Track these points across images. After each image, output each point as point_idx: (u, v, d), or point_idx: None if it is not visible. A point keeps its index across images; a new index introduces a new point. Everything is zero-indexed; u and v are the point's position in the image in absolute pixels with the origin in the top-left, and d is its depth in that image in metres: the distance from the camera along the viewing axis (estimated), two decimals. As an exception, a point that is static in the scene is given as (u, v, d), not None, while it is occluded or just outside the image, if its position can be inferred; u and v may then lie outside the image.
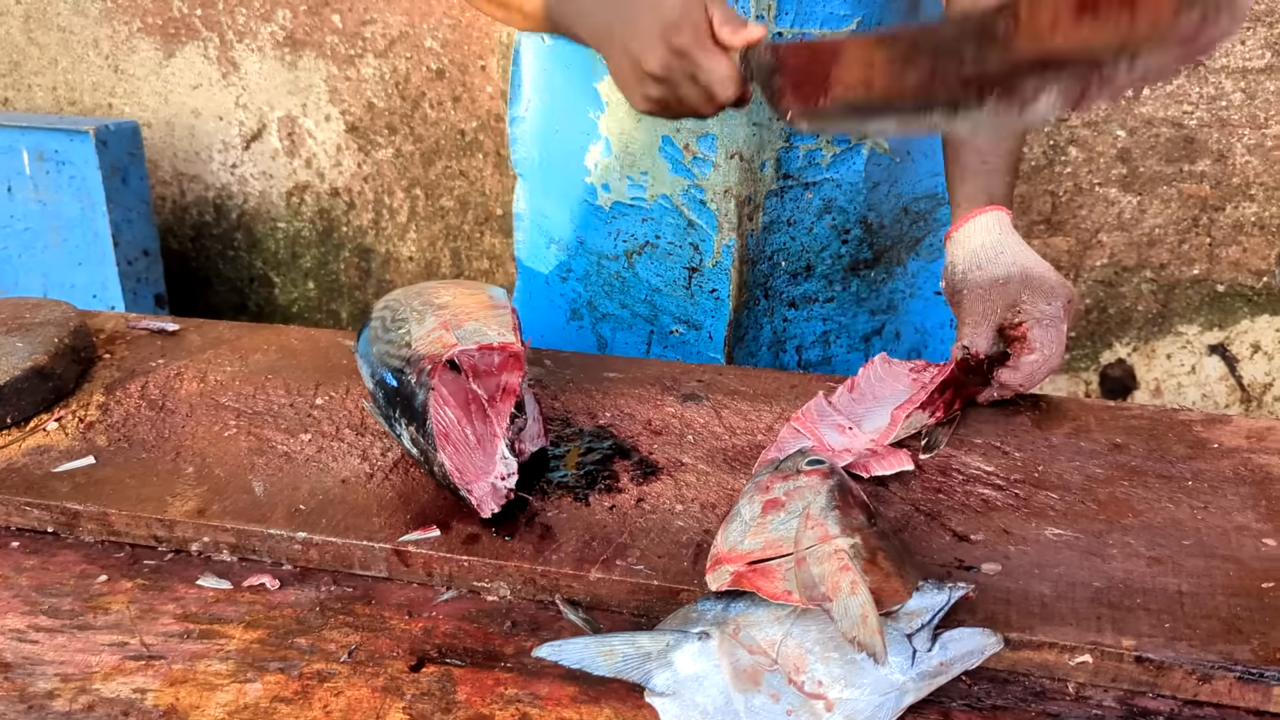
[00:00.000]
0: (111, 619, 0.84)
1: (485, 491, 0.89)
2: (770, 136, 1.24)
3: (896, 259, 1.43)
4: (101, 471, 0.98)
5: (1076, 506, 0.91)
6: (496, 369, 0.93)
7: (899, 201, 1.39)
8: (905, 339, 1.49)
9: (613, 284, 1.41)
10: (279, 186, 2.74)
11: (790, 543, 0.76)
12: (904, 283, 1.45)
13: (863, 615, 0.68)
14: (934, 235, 1.45)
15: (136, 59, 2.66)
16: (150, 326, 1.25)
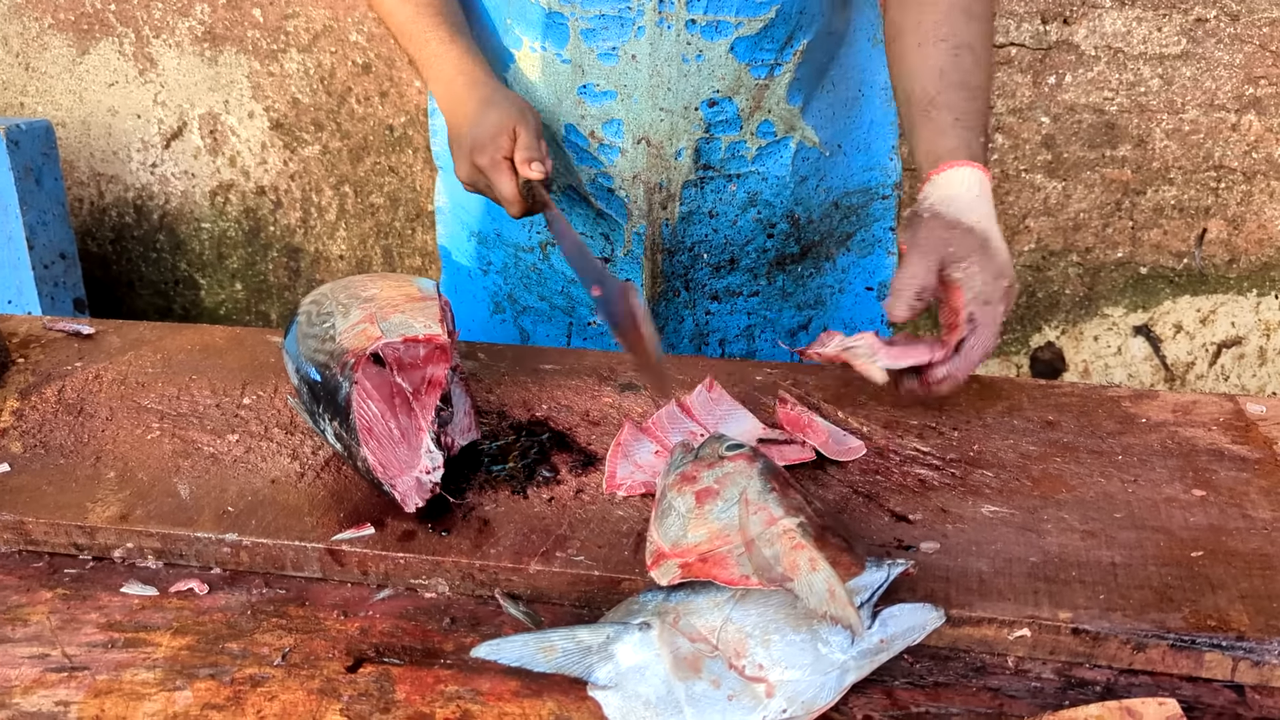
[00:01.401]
0: (31, 630, 0.81)
1: (410, 486, 0.88)
2: (685, 125, 1.22)
3: (825, 254, 1.41)
4: (16, 479, 0.95)
5: (1012, 484, 0.91)
6: (422, 361, 0.92)
7: (829, 196, 1.37)
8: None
9: (530, 276, 1.40)
10: (202, 186, 2.67)
11: (735, 530, 0.76)
12: (833, 278, 1.44)
13: (829, 590, 0.68)
14: (866, 230, 1.43)
15: (48, 56, 2.58)
16: (67, 329, 1.21)
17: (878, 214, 1.43)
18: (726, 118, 1.22)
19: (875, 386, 1.04)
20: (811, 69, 1.27)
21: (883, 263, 1.45)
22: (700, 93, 1.19)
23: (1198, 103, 2.37)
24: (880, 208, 1.43)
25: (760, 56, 1.20)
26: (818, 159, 1.33)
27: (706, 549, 0.75)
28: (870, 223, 1.43)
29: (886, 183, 1.42)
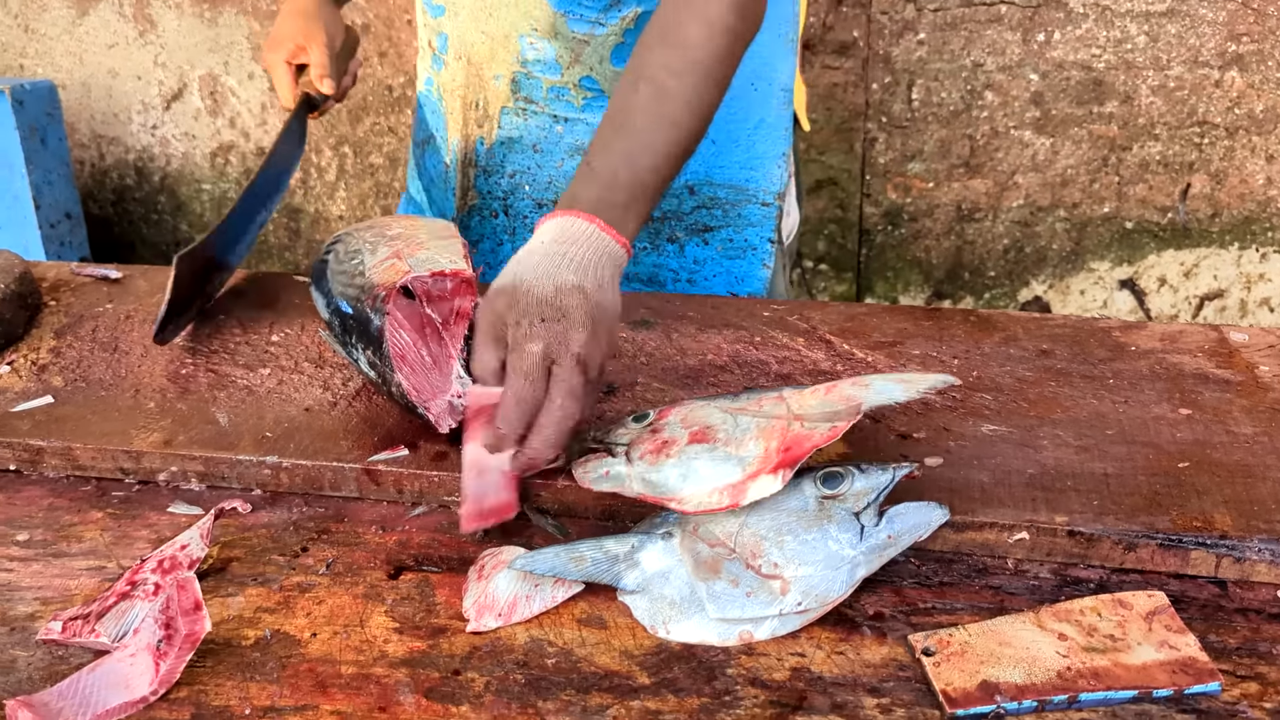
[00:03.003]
0: (86, 546, 0.85)
1: (443, 409, 0.92)
2: (504, 54, 1.25)
3: (667, 234, 1.36)
4: (61, 409, 0.99)
5: (1009, 405, 0.97)
6: (449, 294, 0.96)
7: (681, 178, 1.29)
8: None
9: (415, 171, 1.49)
10: (202, 147, 2.69)
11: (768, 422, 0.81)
12: (677, 264, 1.37)
13: (900, 380, 0.81)
14: (735, 232, 1.36)
15: (48, 18, 2.59)
16: (95, 273, 1.24)
17: (753, 219, 1.36)
18: (544, 59, 1.24)
19: (882, 318, 1.09)
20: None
21: (755, 273, 1.37)
22: (518, 27, 1.23)
23: (1182, 59, 2.41)
24: (757, 213, 1.35)
25: (579, 11, 1.20)
26: None
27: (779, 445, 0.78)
28: (742, 226, 1.36)
29: (768, 189, 1.34)
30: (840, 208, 2.61)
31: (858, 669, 0.71)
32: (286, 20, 1.34)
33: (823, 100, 2.51)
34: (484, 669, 0.72)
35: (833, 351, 1.06)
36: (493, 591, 0.78)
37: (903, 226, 2.63)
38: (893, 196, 2.60)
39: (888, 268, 2.69)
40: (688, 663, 0.72)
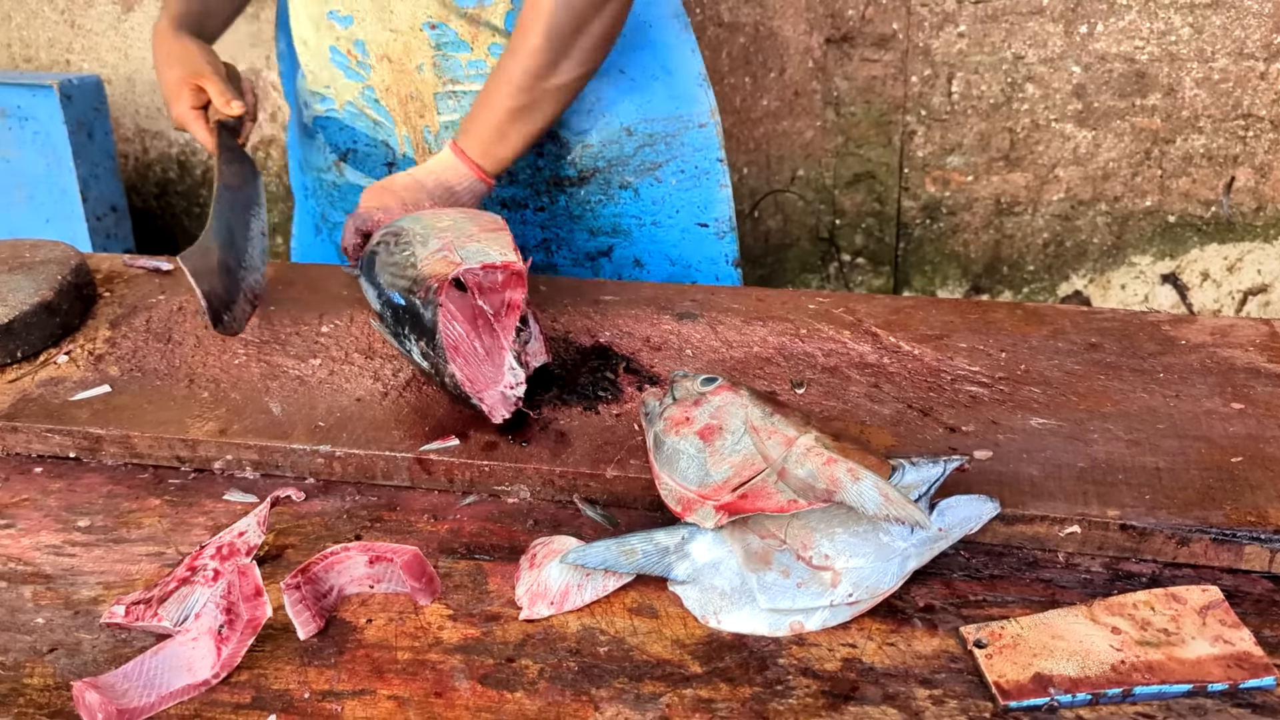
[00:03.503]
0: (145, 532, 0.87)
1: (496, 399, 0.93)
2: (417, 44, 1.29)
3: (619, 182, 1.39)
4: (118, 399, 1.01)
5: (1058, 399, 0.96)
6: (500, 286, 0.97)
7: (614, 121, 1.36)
8: (654, 269, 1.45)
9: (332, 194, 1.49)
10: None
11: (756, 458, 0.79)
12: (637, 208, 1.41)
13: (883, 495, 0.73)
14: (683, 161, 1.40)
15: (94, 14, 2.62)
16: (147, 265, 1.26)
17: (696, 144, 1.40)
18: (449, 39, 1.28)
19: (928, 310, 1.09)
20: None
21: (714, 195, 1.43)
22: (417, 16, 1.27)
23: (1227, 51, 2.38)
24: (698, 137, 1.40)
25: None
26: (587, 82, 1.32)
27: (738, 483, 0.78)
28: (688, 153, 1.40)
29: (700, 110, 1.40)
30: (878, 201, 2.60)
31: (909, 660, 0.71)
32: (167, 74, 1.34)
33: (861, 93, 2.50)
34: (537, 656, 0.73)
35: (879, 344, 1.06)
36: (545, 580, 0.78)
37: (941, 220, 2.61)
38: (931, 190, 2.58)
39: (925, 261, 2.67)
40: (739, 652, 0.73)
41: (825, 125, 2.55)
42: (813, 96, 2.53)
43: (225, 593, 0.73)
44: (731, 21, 2.48)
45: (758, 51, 2.50)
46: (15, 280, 1.11)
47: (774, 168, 2.62)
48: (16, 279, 1.11)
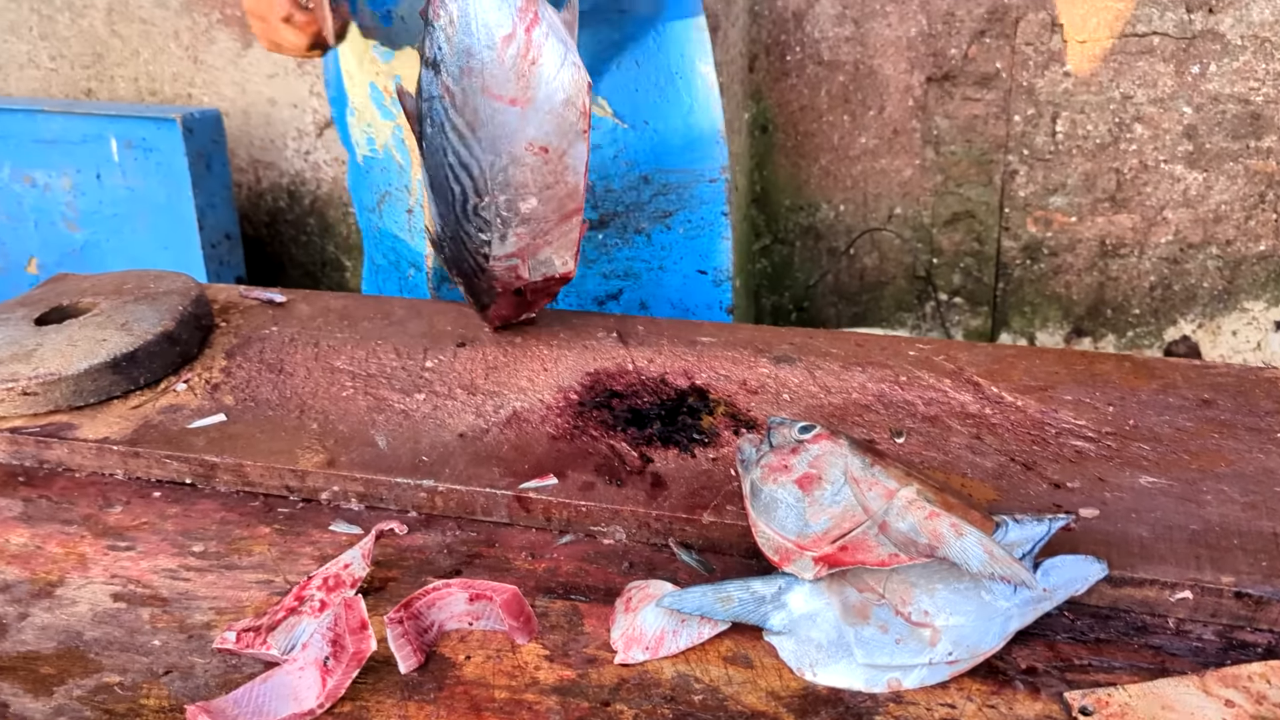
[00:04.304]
0: (255, 560, 0.90)
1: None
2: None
3: (634, 227, 1.44)
4: (232, 428, 1.05)
5: (1169, 457, 0.94)
6: (550, 284, 1.13)
7: (635, 169, 1.41)
8: (656, 312, 1.49)
9: (374, 235, 1.52)
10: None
11: (857, 509, 0.78)
12: (648, 253, 1.46)
13: (987, 552, 0.72)
14: (691, 211, 1.46)
15: (215, 49, 2.74)
16: (261, 297, 1.31)
17: (705, 197, 1.46)
18: None
19: (1031, 360, 1.07)
20: (596, 40, 1.33)
21: (715, 247, 1.49)
22: None
23: (1351, 92, 2.30)
24: (708, 190, 1.46)
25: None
26: (614, 130, 1.38)
27: (838, 534, 0.78)
28: (696, 205, 1.46)
29: (712, 167, 1.45)
30: (977, 240, 2.56)
31: (1011, 724, 0.70)
32: None
33: (961, 132, 2.47)
34: (632, 701, 0.73)
35: (981, 394, 1.05)
36: (640, 624, 0.79)
37: (1042, 261, 2.57)
38: (1032, 230, 2.54)
39: (1025, 302, 2.62)
40: (835, 707, 0.72)
41: (924, 164, 2.53)
42: (912, 135, 2.51)
43: (331, 624, 0.75)
44: (831, 60, 2.48)
45: (857, 90, 2.49)
46: (140, 310, 1.16)
47: (871, 205, 2.60)
48: (141, 309, 1.16)
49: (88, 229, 2.53)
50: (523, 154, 1.01)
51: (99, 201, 2.50)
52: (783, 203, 2.62)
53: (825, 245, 2.68)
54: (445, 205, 1.06)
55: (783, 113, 2.55)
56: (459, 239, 1.08)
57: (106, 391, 1.09)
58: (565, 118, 1.01)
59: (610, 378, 1.11)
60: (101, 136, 2.42)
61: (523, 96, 0.99)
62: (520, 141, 1.01)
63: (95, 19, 2.79)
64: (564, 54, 0.99)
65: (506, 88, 0.98)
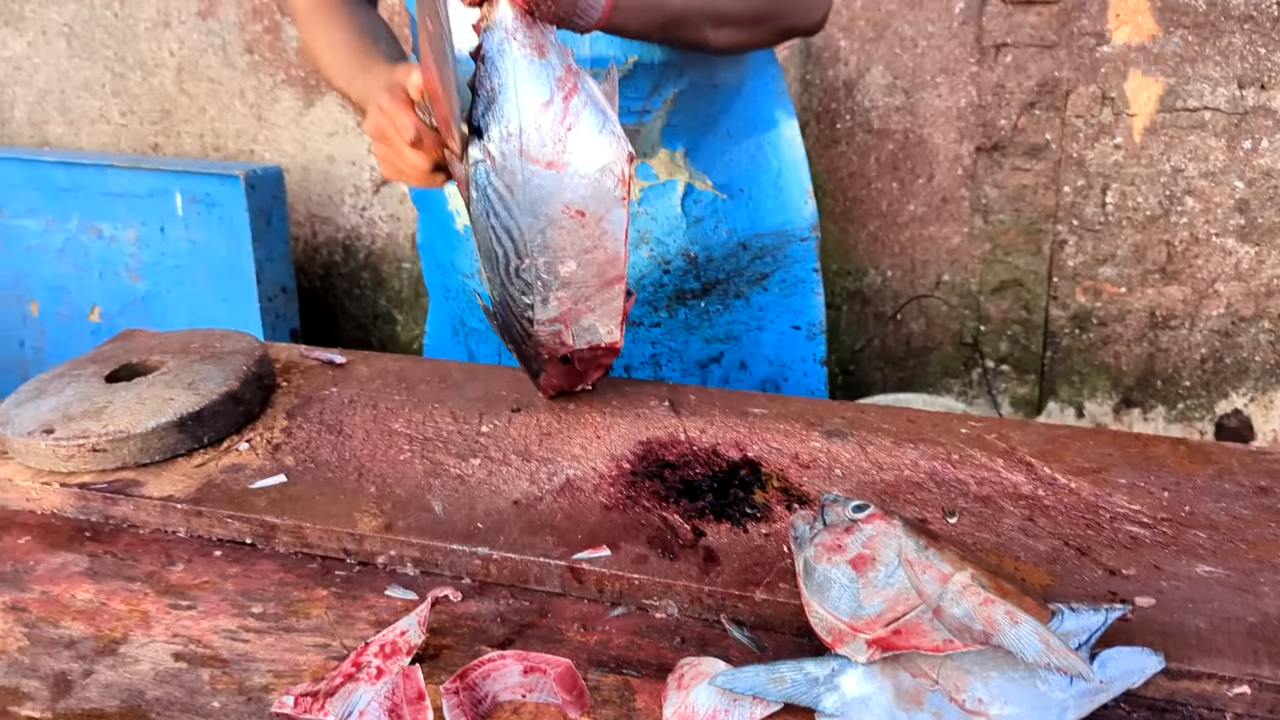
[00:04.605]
0: (313, 623, 0.92)
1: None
2: None
3: (735, 292, 1.46)
4: (292, 489, 1.07)
5: (1226, 545, 0.93)
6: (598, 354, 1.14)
7: (734, 237, 1.43)
8: (755, 370, 1.50)
9: (472, 300, 1.52)
10: (405, 229, 2.87)
11: (911, 592, 0.78)
12: (748, 315, 1.48)
13: (1044, 641, 0.72)
14: (785, 271, 1.48)
15: (279, 108, 2.83)
16: (321, 357, 1.34)
17: (797, 255, 1.48)
18: None
19: (1085, 441, 1.07)
20: (691, 117, 1.35)
21: (809, 303, 1.51)
22: None
23: None
24: (799, 249, 1.48)
25: (625, 104, 1.26)
26: (714, 201, 1.40)
27: (892, 618, 0.77)
28: (790, 264, 1.48)
29: (803, 225, 1.48)
30: (1025, 309, 2.56)
31: (1067, 820, 0.69)
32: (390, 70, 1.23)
33: (1010, 201, 2.48)
34: (684, 781, 0.73)
35: (1034, 475, 1.05)
36: (692, 703, 0.79)
37: (1091, 331, 2.55)
38: (1081, 300, 2.53)
39: (1074, 372, 2.61)
40: (887, 794, 0.72)
41: (973, 232, 2.54)
42: (961, 203, 2.52)
43: (389, 694, 0.76)
44: (881, 129, 2.50)
45: (906, 158, 2.52)
46: (206, 369, 1.20)
47: (919, 272, 2.61)
48: (207, 368, 1.20)
49: (149, 279, 2.59)
50: (559, 217, 1.04)
51: (161, 253, 2.57)
52: (830, 267, 2.64)
53: (872, 310, 2.69)
54: (492, 269, 1.09)
55: (832, 179, 2.58)
56: (506, 303, 1.10)
57: (172, 449, 1.12)
58: (602, 184, 1.03)
59: (663, 447, 1.12)
60: (167, 191, 2.50)
61: (559, 161, 1.01)
62: (557, 205, 1.03)
63: (165, 78, 2.89)
64: (603, 122, 1.02)
65: (543, 151, 1.01)
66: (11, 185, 2.65)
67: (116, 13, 2.87)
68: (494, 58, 1.00)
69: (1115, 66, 2.32)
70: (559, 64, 1.00)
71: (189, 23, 2.82)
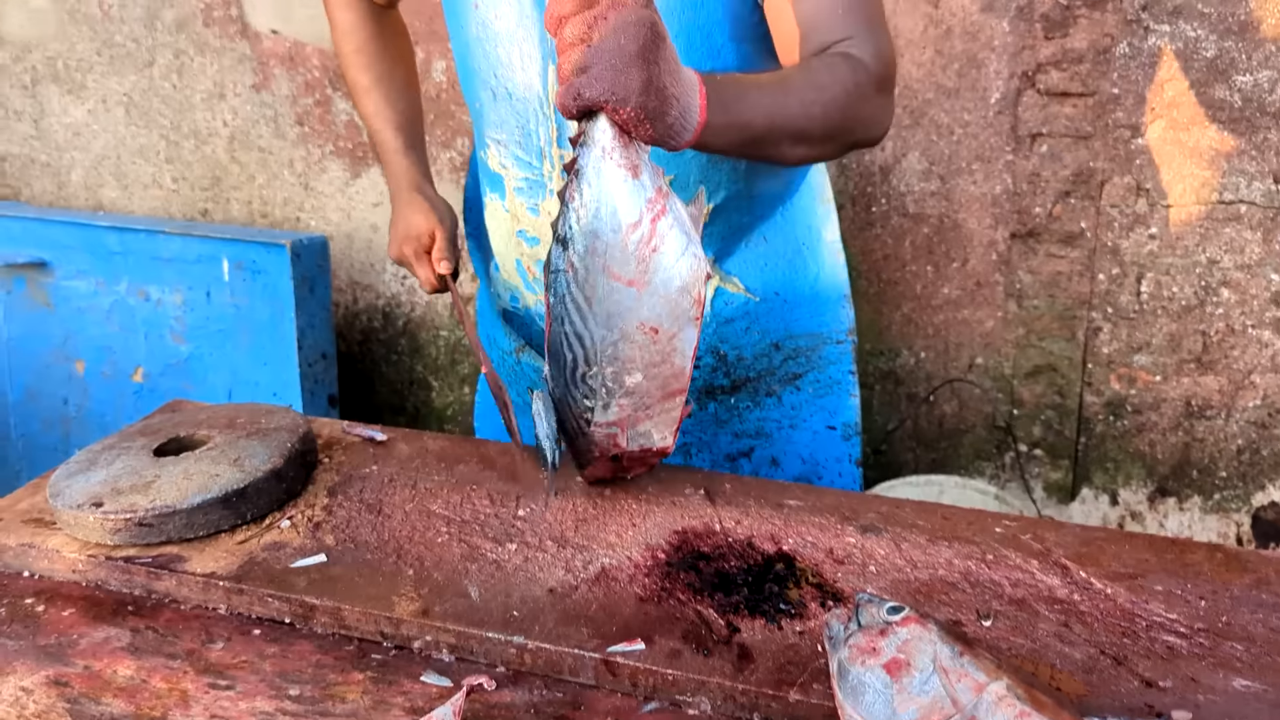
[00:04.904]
0: (348, 708, 0.93)
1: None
2: None
3: (766, 390, 1.48)
4: (332, 569, 1.09)
5: (1263, 659, 0.92)
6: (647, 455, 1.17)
7: (765, 338, 1.46)
8: (788, 468, 1.51)
9: (511, 374, 1.58)
10: (444, 298, 2.91)
11: (946, 701, 0.77)
12: (779, 414, 1.50)
13: None
14: (819, 372, 1.50)
15: (326, 178, 2.90)
16: (363, 434, 1.37)
17: (833, 357, 1.50)
18: None
19: (1121, 545, 1.07)
20: (728, 226, 1.40)
21: (844, 404, 1.53)
22: None
23: None
24: (835, 352, 1.51)
25: None
26: (745, 303, 1.44)
27: None
28: (824, 365, 1.50)
29: (839, 329, 1.50)
30: (1059, 394, 2.55)
31: None
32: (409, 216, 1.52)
33: (1045, 287, 2.49)
34: None
35: (1069, 579, 1.05)
36: (725, 805, 0.79)
37: (1125, 418, 2.54)
38: (1116, 387, 2.53)
39: (1108, 459, 2.59)
40: None
41: (1006, 316, 2.55)
42: (995, 287, 2.54)
43: (425, 786, 0.77)
44: (917, 213, 2.53)
45: (941, 242, 2.54)
46: (251, 446, 1.22)
47: (952, 354, 2.62)
48: (253, 445, 1.22)
49: (193, 343, 2.65)
50: (634, 332, 1.06)
51: (206, 317, 2.62)
52: (864, 346, 2.65)
53: (905, 390, 2.69)
54: (558, 369, 1.11)
55: (866, 260, 2.60)
56: (567, 402, 1.13)
57: (215, 525, 1.14)
58: (679, 304, 1.06)
59: (698, 538, 1.13)
60: (215, 257, 2.56)
61: (640, 279, 1.04)
62: (633, 320, 1.06)
63: (218, 146, 2.97)
64: (686, 245, 1.05)
65: (626, 269, 1.03)
66: (65, 247, 2.72)
67: (175, 84, 2.96)
68: (588, 174, 1.02)
69: (1150, 159, 2.34)
70: (650, 185, 1.03)
71: (243, 95, 2.91)
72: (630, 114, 0.98)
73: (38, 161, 3.20)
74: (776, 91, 1.15)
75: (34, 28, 3.07)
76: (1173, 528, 2.60)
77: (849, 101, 1.18)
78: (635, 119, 0.98)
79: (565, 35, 0.98)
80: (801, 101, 1.15)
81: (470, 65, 1.38)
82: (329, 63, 2.78)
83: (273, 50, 2.83)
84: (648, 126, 1.00)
